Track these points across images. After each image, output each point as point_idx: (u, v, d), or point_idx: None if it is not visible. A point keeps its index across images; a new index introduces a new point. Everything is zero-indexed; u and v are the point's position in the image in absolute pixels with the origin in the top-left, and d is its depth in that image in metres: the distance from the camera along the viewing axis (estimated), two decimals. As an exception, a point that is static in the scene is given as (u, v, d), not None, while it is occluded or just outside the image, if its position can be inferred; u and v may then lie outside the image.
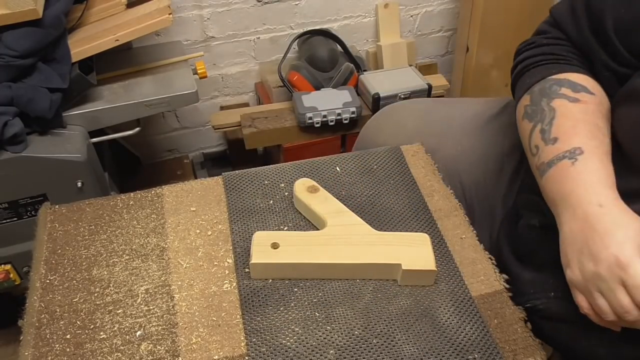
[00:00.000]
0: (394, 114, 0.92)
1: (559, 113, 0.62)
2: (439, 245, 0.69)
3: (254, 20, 1.58)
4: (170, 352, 0.58)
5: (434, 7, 1.74)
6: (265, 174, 0.78)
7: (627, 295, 0.51)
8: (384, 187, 0.76)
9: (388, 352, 0.57)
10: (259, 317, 0.60)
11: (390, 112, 0.93)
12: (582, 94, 0.62)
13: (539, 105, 0.64)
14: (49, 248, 0.68)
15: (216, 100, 1.71)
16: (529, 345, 0.59)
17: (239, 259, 0.66)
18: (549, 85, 0.65)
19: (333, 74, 1.50)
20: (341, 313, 0.61)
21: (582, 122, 0.60)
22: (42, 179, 1.01)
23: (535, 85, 0.66)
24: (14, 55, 0.92)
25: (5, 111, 0.93)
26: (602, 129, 0.60)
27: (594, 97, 0.63)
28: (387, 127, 0.90)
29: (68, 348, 0.58)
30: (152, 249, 0.68)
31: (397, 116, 0.91)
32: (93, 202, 0.75)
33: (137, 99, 1.10)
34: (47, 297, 0.63)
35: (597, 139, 0.59)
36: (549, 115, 0.63)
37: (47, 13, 0.95)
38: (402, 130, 0.88)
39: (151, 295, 0.63)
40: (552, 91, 0.64)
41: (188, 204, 0.74)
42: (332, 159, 0.80)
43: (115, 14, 1.13)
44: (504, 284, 0.65)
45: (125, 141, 1.52)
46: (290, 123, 1.45)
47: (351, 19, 1.67)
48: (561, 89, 0.63)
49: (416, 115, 0.90)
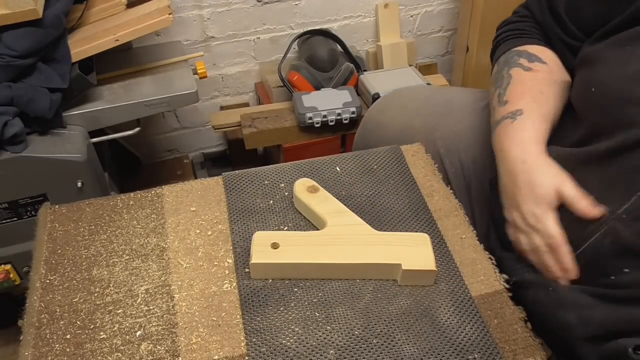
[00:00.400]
0: (397, 96, 0.99)
1: (514, 80, 0.74)
2: (439, 245, 0.69)
3: (254, 20, 1.58)
4: (170, 352, 0.58)
5: (434, 7, 1.74)
6: (265, 174, 0.78)
7: (542, 239, 0.64)
8: (384, 187, 0.76)
9: (388, 352, 0.57)
10: (259, 317, 0.60)
11: (394, 95, 1.00)
12: (536, 63, 0.74)
13: (500, 73, 0.77)
14: (49, 248, 0.68)
15: (216, 100, 1.71)
16: (529, 345, 0.59)
17: (239, 259, 0.66)
18: (511, 56, 0.77)
19: (333, 74, 1.50)
20: (341, 313, 0.61)
21: (529, 88, 0.72)
22: (42, 179, 1.01)
23: (502, 57, 0.79)
24: (14, 55, 0.92)
25: (5, 111, 0.93)
26: (545, 94, 0.71)
27: (546, 66, 0.74)
28: (390, 108, 0.96)
29: (68, 348, 0.58)
30: (152, 249, 0.68)
31: (400, 98, 0.98)
32: (93, 202, 0.75)
33: (137, 99, 1.10)
34: (47, 297, 0.63)
35: (537, 102, 0.70)
36: (506, 81, 0.74)
37: (47, 13, 0.95)
38: (404, 110, 0.93)
39: (151, 295, 0.63)
40: (513, 61, 0.76)
41: (188, 204, 0.74)
42: (332, 159, 0.80)
43: (115, 14, 1.13)
44: (504, 284, 0.65)
45: (125, 141, 1.52)
46: (290, 123, 1.45)
47: (351, 19, 1.67)
48: (520, 59, 0.75)
49: (418, 97, 0.96)
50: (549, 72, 0.74)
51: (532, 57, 0.75)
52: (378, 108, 0.99)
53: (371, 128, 0.97)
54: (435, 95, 0.95)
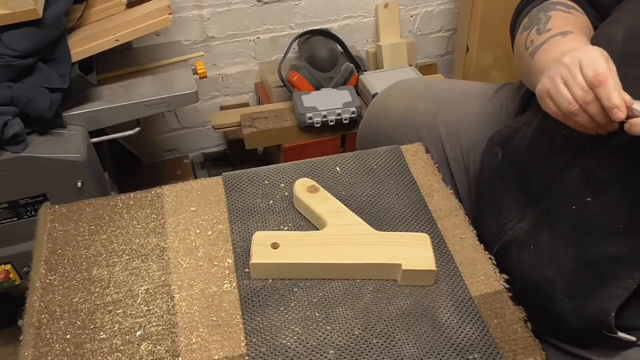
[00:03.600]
0: (401, 84, 1.02)
1: (554, 17, 0.70)
2: (439, 245, 0.69)
3: (254, 20, 1.57)
4: (170, 352, 0.57)
5: (434, 7, 1.74)
6: (265, 174, 0.78)
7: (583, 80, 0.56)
8: (384, 187, 0.76)
9: (388, 352, 0.57)
10: (259, 317, 0.60)
11: (399, 83, 1.03)
12: (573, 10, 0.72)
13: (535, 17, 0.72)
14: (49, 248, 0.68)
15: (216, 100, 1.71)
16: (529, 345, 0.59)
17: (239, 259, 0.66)
18: (546, 5, 0.74)
19: (333, 74, 1.50)
20: (341, 313, 0.61)
21: (574, 21, 0.69)
22: (42, 179, 1.01)
23: (534, 9, 0.75)
24: (14, 55, 0.92)
25: (5, 111, 0.93)
26: (589, 28, 0.70)
27: (583, 15, 0.72)
28: (395, 94, 0.99)
29: (68, 348, 0.58)
30: (152, 249, 0.68)
31: (404, 85, 1.02)
32: (93, 202, 0.75)
33: (137, 99, 1.10)
34: (47, 297, 0.63)
35: (583, 31, 0.68)
36: (544, 20, 0.71)
37: (47, 13, 0.95)
38: (408, 96, 0.96)
39: (151, 295, 0.63)
40: (548, 7, 0.72)
41: (188, 204, 0.74)
42: (332, 159, 0.80)
43: (115, 14, 1.13)
44: (504, 284, 0.65)
45: (125, 141, 1.52)
46: (290, 123, 1.45)
47: (351, 19, 1.67)
48: (557, 5, 0.72)
49: (421, 85, 1.00)
50: (586, 19, 0.72)
51: (569, 7, 0.72)
52: (384, 95, 1.02)
53: (376, 112, 1.00)
54: (438, 84, 0.99)
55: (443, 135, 0.87)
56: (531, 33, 0.71)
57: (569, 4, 0.73)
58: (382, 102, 1.01)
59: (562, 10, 0.71)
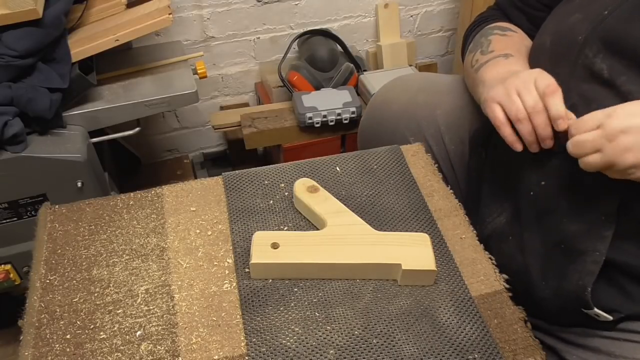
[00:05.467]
0: (402, 78, 1.05)
1: (494, 40, 0.80)
2: (439, 245, 0.69)
3: (254, 20, 1.57)
4: (170, 352, 0.58)
5: (434, 7, 1.74)
6: (265, 174, 0.78)
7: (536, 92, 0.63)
8: (384, 187, 0.76)
9: (388, 352, 0.57)
10: (259, 317, 0.60)
11: (400, 78, 1.06)
12: (509, 32, 0.82)
13: (478, 41, 0.83)
14: (49, 248, 0.68)
15: (216, 100, 1.71)
16: (529, 345, 0.59)
17: (239, 259, 0.66)
18: (484, 30, 0.84)
19: (333, 74, 1.50)
20: (341, 313, 0.61)
21: (512, 43, 0.79)
22: (42, 179, 1.01)
23: (477, 35, 0.86)
24: (14, 55, 0.92)
25: (5, 111, 0.93)
26: (527, 47, 0.79)
27: (518, 34, 0.83)
28: (396, 87, 1.01)
29: (68, 348, 0.58)
30: (152, 249, 0.68)
31: (405, 79, 1.04)
32: (93, 202, 0.75)
33: (137, 99, 1.10)
34: (47, 297, 0.63)
35: (521, 51, 0.77)
36: (486, 43, 0.81)
37: (47, 13, 0.95)
38: (408, 89, 0.98)
39: (151, 295, 0.63)
40: (487, 32, 0.83)
41: (188, 204, 0.74)
42: (332, 159, 0.80)
43: (115, 14, 1.13)
44: (504, 284, 0.65)
45: (125, 141, 1.52)
46: (290, 123, 1.45)
47: (351, 19, 1.67)
48: (494, 30, 0.83)
49: (422, 79, 1.02)
50: (521, 37, 0.82)
51: (505, 28, 0.83)
52: (385, 88, 1.04)
53: (378, 105, 1.01)
54: (438, 78, 1.01)
55: (442, 127, 0.88)
56: (476, 54, 0.81)
57: (504, 26, 0.83)
58: (383, 95, 1.03)
59: (499, 34, 0.82)
